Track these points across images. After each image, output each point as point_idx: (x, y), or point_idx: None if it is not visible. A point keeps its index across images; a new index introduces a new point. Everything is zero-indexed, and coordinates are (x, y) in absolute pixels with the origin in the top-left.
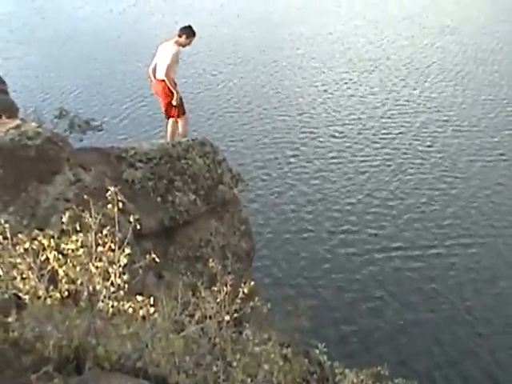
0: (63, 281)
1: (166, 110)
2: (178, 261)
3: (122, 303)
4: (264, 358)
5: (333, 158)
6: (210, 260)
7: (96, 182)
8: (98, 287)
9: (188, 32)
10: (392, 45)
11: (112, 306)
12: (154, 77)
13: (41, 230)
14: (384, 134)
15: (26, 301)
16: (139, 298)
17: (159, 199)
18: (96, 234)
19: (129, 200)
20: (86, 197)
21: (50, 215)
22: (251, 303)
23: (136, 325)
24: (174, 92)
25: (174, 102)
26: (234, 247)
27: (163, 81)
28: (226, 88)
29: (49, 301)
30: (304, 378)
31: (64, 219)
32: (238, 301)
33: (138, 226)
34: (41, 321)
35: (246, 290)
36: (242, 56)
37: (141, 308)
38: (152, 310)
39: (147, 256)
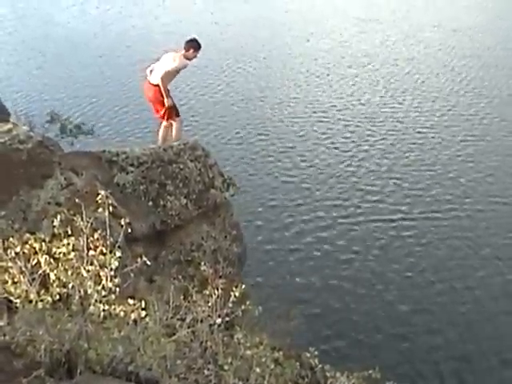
0: (54, 284)
1: (157, 113)
2: (170, 265)
3: (113, 307)
4: (255, 361)
5: (325, 160)
6: (202, 264)
7: (87, 185)
8: (89, 291)
9: (194, 45)
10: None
11: (103, 310)
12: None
13: (32, 233)
14: (379, 133)
15: (18, 305)
16: (130, 301)
17: (150, 203)
18: (87, 237)
19: (120, 204)
20: (77, 201)
21: (42, 219)
22: (242, 307)
23: (127, 328)
24: (165, 97)
25: (165, 104)
26: (226, 251)
27: (157, 85)
28: (218, 91)
29: (40, 305)
30: (295, 381)
31: (55, 223)
32: (230, 304)
33: (130, 230)
34: (32, 325)
35: (237, 294)
36: (234, 57)
37: (132, 312)
38: (143, 313)
39: (138, 260)
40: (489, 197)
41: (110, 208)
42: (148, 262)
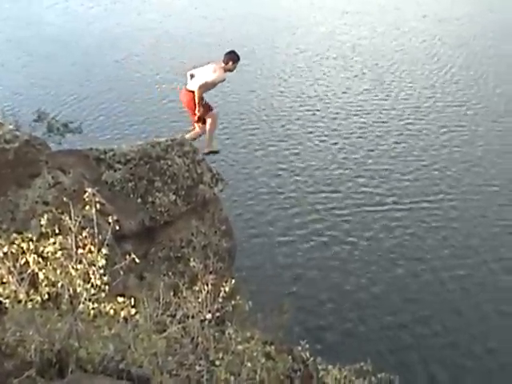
0: (43, 284)
1: (190, 117)
2: (160, 261)
3: (103, 305)
4: (247, 356)
5: (313, 153)
6: (191, 260)
7: (75, 184)
8: (78, 289)
9: (233, 57)
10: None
11: (93, 308)
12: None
13: (20, 233)
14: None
15: (7, 305)
16: (120, 299)
17: (139, 200)
18: (75, 236)
19: (108, 202)
20: (65, 199)
21: (30, 218)
22: (233, 302)
23: (118, 326)
24: (197, 106)
25: (197, 112)
26: (216, 247)
27: (193, 92)
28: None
29: (29, 304)
30: (288, 375)
31: (42, 222)
32: (220, 300)
33: (118, 228)
34: (22, 325)
35: (227, 289)
36: (220, 51)
37: (122, 309)
38: (133, 311)
39: (127, 257)
40: (475, 186)
41: (98, 206)
42: (137, 260)
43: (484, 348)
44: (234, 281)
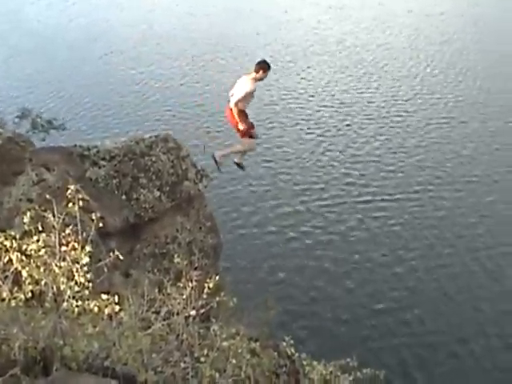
0: (27, 282)
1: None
2: (145, 258)
3: (87, 302)
4: (232, 352)
5: (298, 146)
6: (176, 256)
7: (59, 181)
8: (62, 287)
9: (264, 67)
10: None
11: (77, 306)
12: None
13: (3, 231)
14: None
15: None
16: (104, 296)
17: (124, 197)
18: (59, 233)
19: (93, 199)
20: (48, 197)
21: (14, 216)
22: (217, 298)
23: (102, 324)
24: (239, 121)
25: (240, 127)
26: (201, 243)
27: (231, 109)
28: (190, 81)
29: (13, 302)
30: (274, 371)
31: (25, 220)
32: (205, 296)
33: (102, 225)
34: (6, 323)
35: (211, 285)
36: (206, 46)
37: (106, 306)
38: (117, 308)
39: (111, 254)
40: (455, 178)
41: (82, 203)
42: (121, 257)
43: (461, 342)
44: (218, 277)
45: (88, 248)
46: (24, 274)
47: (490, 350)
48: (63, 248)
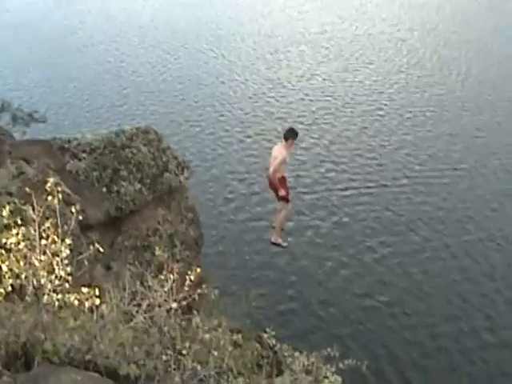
0: (7, 276)
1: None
2: (126, 251)
3: (67, 296)
4: (214, 344)
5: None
6: (157, 248)
7: (39, 174)
8: (42, 281)
9: (293, 135)
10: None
11: (58, 299)
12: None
13: None
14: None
15: None
16: (85, 289)
17: (104, 189)
18: (39, 226)
19: (73, 191)
20: (28, 190)
21: None
22: (199, 290)
23: (83, 317)
24: (278, 188)
25: (280, 193)
26: (182, 235)
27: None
28: (173, 72)
29: None
30: (257, 362)
31: (4, 213)
32: (186, 288)
33: (82, 218)
34: None
35: (192, 278)
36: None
37: (87, 300)
38: (98, 301)
39: (92, 247)
40: (439, 170)
41: (62, 196)
42: (102, 249)
43: (447, 330)
44: (200, 269)
45: (68, 241)
46: (4, 268)
47: (479, 340)
48: (43, 241)
